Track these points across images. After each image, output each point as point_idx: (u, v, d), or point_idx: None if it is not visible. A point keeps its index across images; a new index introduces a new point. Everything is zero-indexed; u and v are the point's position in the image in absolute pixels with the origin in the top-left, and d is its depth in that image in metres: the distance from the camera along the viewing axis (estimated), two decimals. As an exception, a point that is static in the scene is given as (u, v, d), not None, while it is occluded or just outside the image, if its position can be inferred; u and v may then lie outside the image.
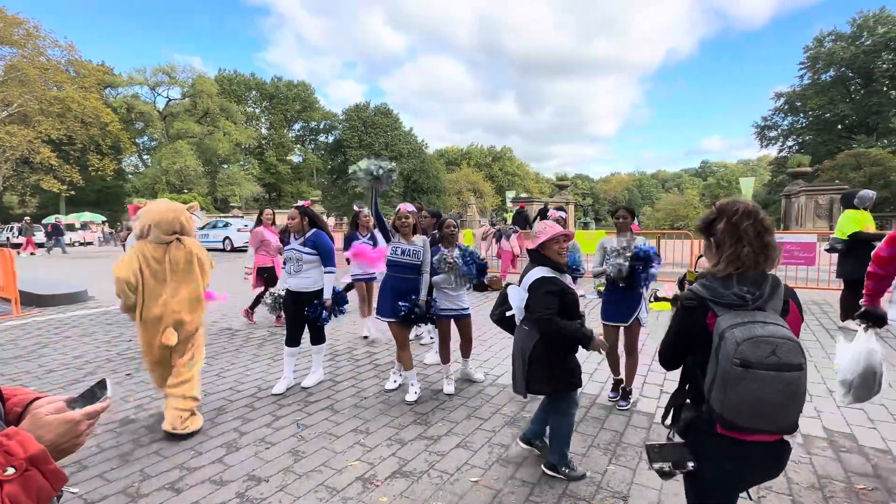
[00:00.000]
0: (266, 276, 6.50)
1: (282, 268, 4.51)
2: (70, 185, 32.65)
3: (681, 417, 1.64)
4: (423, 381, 4.40)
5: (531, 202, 26.91)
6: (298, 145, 56.75)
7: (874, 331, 2.36)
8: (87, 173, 34.50)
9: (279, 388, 4.17)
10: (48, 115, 30.33)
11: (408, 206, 4.16)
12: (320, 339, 4.35)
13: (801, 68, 42.12)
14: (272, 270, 6.45)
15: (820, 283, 8.33)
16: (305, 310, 4.14)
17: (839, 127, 41.10)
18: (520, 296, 2.79)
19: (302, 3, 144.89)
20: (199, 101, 45.05)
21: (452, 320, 4.21)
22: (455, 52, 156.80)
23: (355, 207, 6.12)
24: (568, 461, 2.79)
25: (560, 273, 2.73)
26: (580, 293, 6.01)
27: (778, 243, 1.59)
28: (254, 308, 6.84)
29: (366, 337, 5.90)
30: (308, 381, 4.30)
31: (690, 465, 1.60)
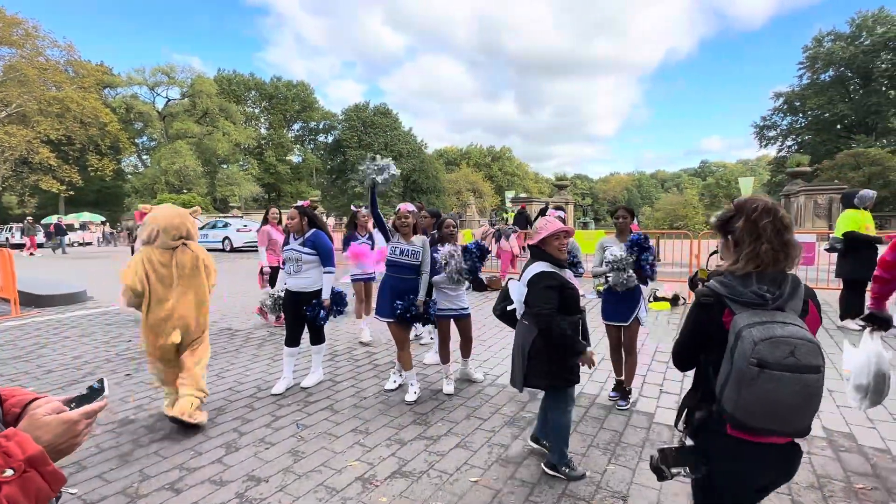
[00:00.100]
0: (273, 276, 6.48)
1: (281, 267, 4.51)
2: (69, 186, 32.58)
3: (694, 418, 1.62)
4: (422, 381, 4.40)
5: (531, 202, 26.97)
6: (298, 145, 56.75)
7: (879, 334, 2.36)
8: (86, 173, 34.45)
9: (279, 388, 4.17)
10: (47, 115, 30.24)
11: (408, 206, 4.16)
12: (320, 339, 4.35)
13: (801, 68, 42.26)
14: (279, 270, 6.43)
15: (819, 282, 8.32)
16: (304, 309, 4.15)
17: (838, 127, 41.21)
18: (520, 290, 2.80)
19: (301, 3, 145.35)
20: (199, 101, 45.03)
21: (452, 320, 4.21)
22: (454, 52, 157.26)
23: (353, 208, 6.11)
24: (568, 461, 2.80)
25: (560, 268, 2.74)
26: (580, 292, 5.99)
27: None
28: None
29: (365, 343, 5.79)
30: (308, 382, 4.30)
31: (704, 469, 1.58)
